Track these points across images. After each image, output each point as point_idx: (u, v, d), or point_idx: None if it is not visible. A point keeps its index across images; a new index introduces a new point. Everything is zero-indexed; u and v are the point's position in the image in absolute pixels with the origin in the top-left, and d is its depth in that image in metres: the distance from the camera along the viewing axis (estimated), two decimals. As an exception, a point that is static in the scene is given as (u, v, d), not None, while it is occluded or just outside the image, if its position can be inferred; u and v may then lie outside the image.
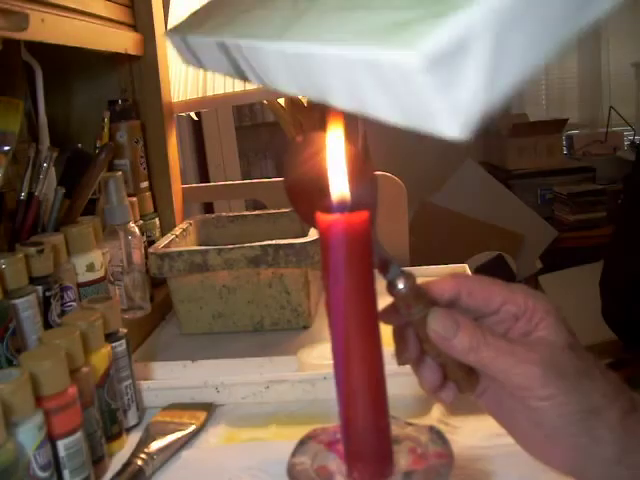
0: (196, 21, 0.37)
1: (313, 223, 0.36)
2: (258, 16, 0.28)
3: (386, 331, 0.39)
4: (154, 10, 0.94)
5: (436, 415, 0.61)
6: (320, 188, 0.35)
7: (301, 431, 0.44)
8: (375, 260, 0.37)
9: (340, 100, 0.22)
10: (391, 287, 0.37)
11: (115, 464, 0.58)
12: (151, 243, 0.89)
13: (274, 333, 0.85)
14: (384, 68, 0.17)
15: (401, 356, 0.40)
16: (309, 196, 0.36)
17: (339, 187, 0.35)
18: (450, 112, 0.17)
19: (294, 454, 0.41)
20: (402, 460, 0.40)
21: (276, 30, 0.24)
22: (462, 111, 0.17)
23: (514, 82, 0.17)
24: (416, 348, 0.39)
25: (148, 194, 0.95)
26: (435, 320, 0.37)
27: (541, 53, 0.18)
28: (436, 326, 0.37)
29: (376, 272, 0.36)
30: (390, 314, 0.39)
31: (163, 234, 0.95)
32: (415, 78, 0.16)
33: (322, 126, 0.34)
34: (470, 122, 0.17)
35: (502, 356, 0.37)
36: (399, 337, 0.40)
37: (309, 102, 0.96)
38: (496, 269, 2.56)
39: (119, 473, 0.54)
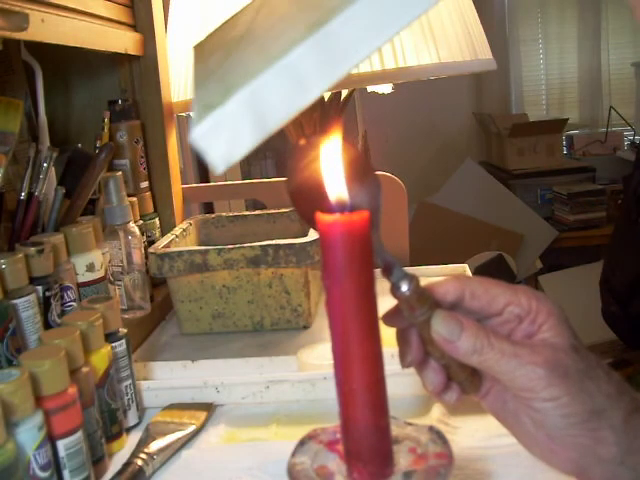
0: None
1: (317, 226, 0.36)
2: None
3: (386, 331, 0.39)
4: (154, 10, 0.94)
5: (436, 415, 0.61)
6: (323, 191, 0.35)
7: (301, 431, 0.44)
8: (379, 263, 0.37)
9: None
10: (395, 289, 0.37)
11: (115, 464, 0.58)
12: (151, 243, 0.89)
13: (274, 333, 0.85)
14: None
15: (405, 358, 0.40)
16: (313, 199, 0.36)
17: (339, 187, 0.35)
18: (214, 162, 0.31)
19: (294, 454, 0.41)
20: (402, 460, 0.40)
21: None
22: (219, 162, 0.31)
23: (247, 149, 0.30)
24: (420, 350, 0.39)
25: (148, 194, 0.95)
26: (439, 322, 0.37)
27: (257, 139, 0.30)
28: (440, 328, 0.37)
29: (376, 272, 0.36)
30: (394, 316, 0.39)
31: (163, 234, 0.95)
32: (196, 142, 0.30)
33: (322, 127, 0.35)
34: (223, 167, 0.30)
35: (506, 358, 0.37)
36: (403, 339, 0.40)
37: (309, 102, 0.96)
38: (496, 269, 2.56)
39: (119, 473, 0.54)
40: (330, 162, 0.36)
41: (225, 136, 0.30)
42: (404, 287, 0.37)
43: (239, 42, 0.43)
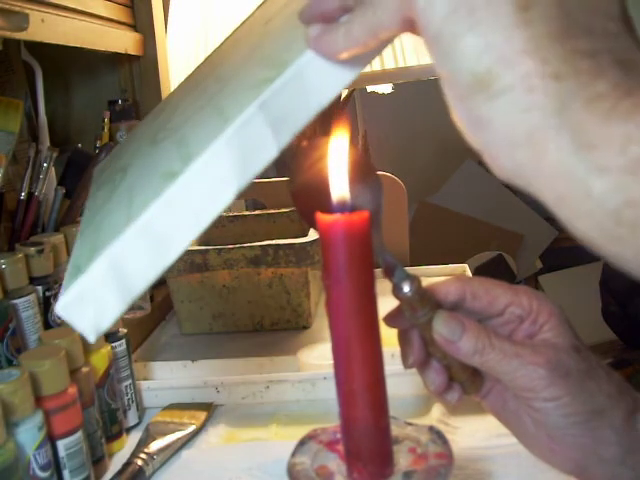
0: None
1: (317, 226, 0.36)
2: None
3: (387, 331, 0.39)
4: (154, 10, 0.94)
5: (436, 415, 0.61)
6: (325, 192, 0.35)
7: (301, 431, 0.44)
8: (381, 264, 0.37)
9: None
10: (396, 290, 0.37)
11: (115, 464, 0.58)
12: (151, 243, 0.89)
13: (274, 333, 0.85)
14: None
15: (407, 359, 0.40)
16: (314, 200, 0.36)
17: (340, 187, 0.36)
18: (83, 332, 0.30)
19: (294, 454, 0.41)
20: (402, 460, 0.40)
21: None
22: (88, 332, 0.30)
23: (114, 317, 0.30)
24: (421, 351, 0.39)
25: (148, 194, 0.95)
26: (440, 323, 0.37)
27: (124, 306, 0.30)
28: (441, 329, 0.37)
29: (377, 272, 0.36)
30: (395, 317, 0.39)
31: (163, 234, 0.95)
32: (61, 313, 0.30)
33: (323, 128, 0.34)
34: (94, 336, 0.30)
35: (507, 358, 0.37)
36: (404, 340, 0.40)
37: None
38: (496, 269, 2.56)
39: (119, 473, 0.54)
40: (333, 161, 0.36)
41: (90, 305, 0.29)
42: (406, 288, 0.37)
43: (120, 180, 0.41)
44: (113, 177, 0.44)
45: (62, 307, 0.29)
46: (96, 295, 0.29)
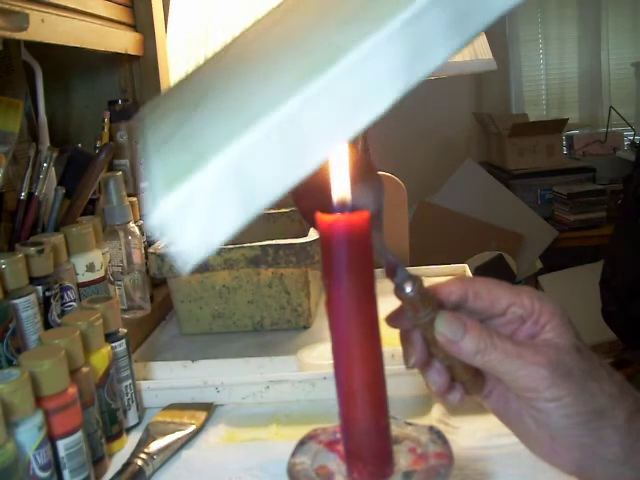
0: None
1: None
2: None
3: (387, 331, 0.39)
4: (154, 10, 0.94)
5: (436, 415, 0.61)
6: (326, 191, 0.35)
7: (301, 431, 0.44)
8: (382, 264, 0.37)
9: None
10: (399, 290, 0.37)
11: (115, 464, 0.58)
12: (151, 243, 0.89)
13: (274, 333, 0.85)
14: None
15: (409, 359, 0.40)
16: (315, 199, 0.36)
17: (340, 187, 0.35)
18: (186, 251, 0.24)
19: (294, 454, 0.41)
20: (402, 460, 0.40)
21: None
22: (193, 250, 0.24)
23: (230, 231, 0.25)
24: (424, 351, 0.39)
25: (148, 194, 0.95)
26: (442, 323, 0.37)
27: (245, 218, 0.24)
28: (443, 329, 0.37)
29: (376, 272, 0.36)
30: (397, 317, 0.39)
31: (163, 234, 0.95)
32: (161, 223, 0.24)
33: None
34: (190, 262, 0.24)
35: (509, 358, 0.37)
36: (406, 340, 0.40)
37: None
38: (496, 269, 2.56)
39: (119, 473, 0.54)
40: (334, 162, 0.36)
41: (201, 213, 0.24)
42: (408, 288, 0.37)
43: (201, 100, 0.34)
44: (182, 107, 0.36)
45: (163, 214, 0.23)
46: (211, 201, 0.23)
